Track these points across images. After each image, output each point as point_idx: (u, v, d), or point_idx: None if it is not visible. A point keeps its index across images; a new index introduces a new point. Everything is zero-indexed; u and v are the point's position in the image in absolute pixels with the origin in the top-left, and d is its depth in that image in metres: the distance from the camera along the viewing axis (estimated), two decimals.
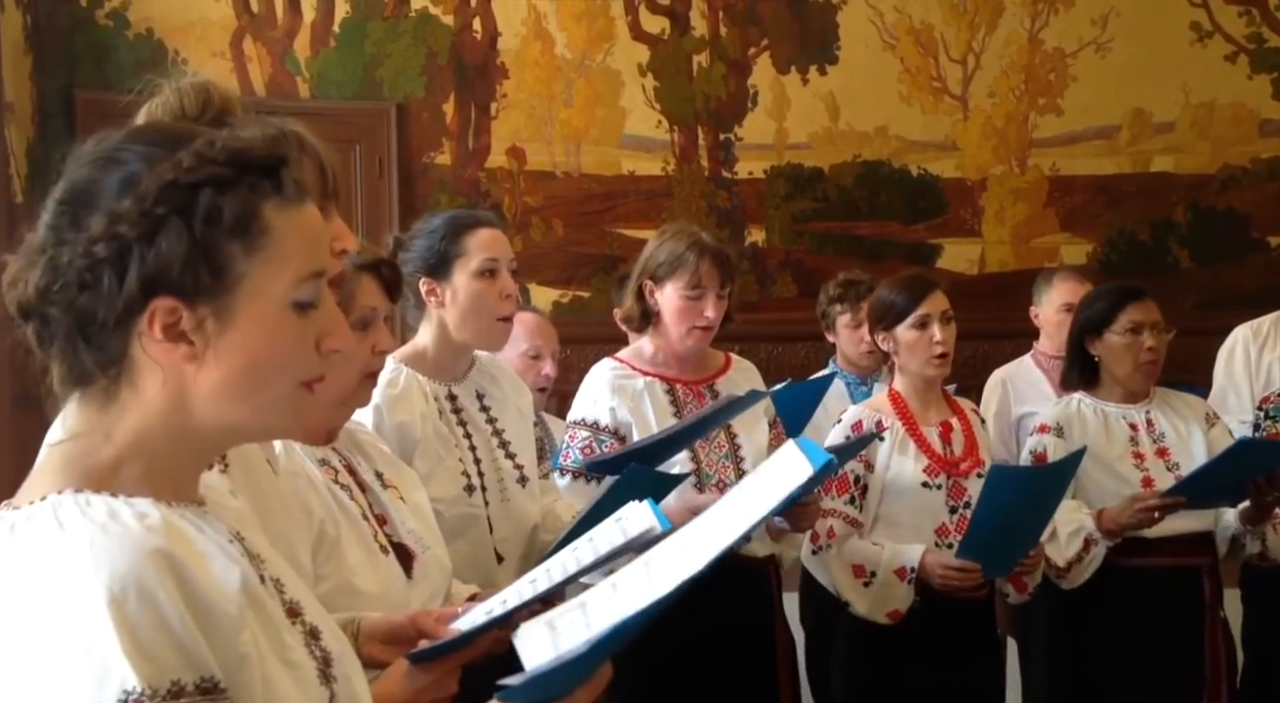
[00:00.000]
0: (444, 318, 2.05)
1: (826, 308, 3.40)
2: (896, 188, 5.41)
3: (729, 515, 1.08)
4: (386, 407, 1.95)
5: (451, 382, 2.06)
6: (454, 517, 1.94)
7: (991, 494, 2.28)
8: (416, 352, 2.07)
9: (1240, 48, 5.29)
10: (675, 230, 2.44)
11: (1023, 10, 5.34)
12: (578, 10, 5.32)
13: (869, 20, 5.36)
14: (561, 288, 5.38)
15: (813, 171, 5.40)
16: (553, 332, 2.94)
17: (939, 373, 2.48)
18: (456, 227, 2.06)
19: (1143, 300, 2.58)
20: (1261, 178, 5.31)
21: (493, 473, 2.03)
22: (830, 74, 5.37)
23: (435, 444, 1.98)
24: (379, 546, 1.59)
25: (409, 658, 1.23)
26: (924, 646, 2.38)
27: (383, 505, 1.66)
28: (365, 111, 5.17)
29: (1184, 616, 2.54)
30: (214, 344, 0.87)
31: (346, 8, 5.18)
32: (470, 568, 1.94)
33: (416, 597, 1.61)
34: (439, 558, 1.68)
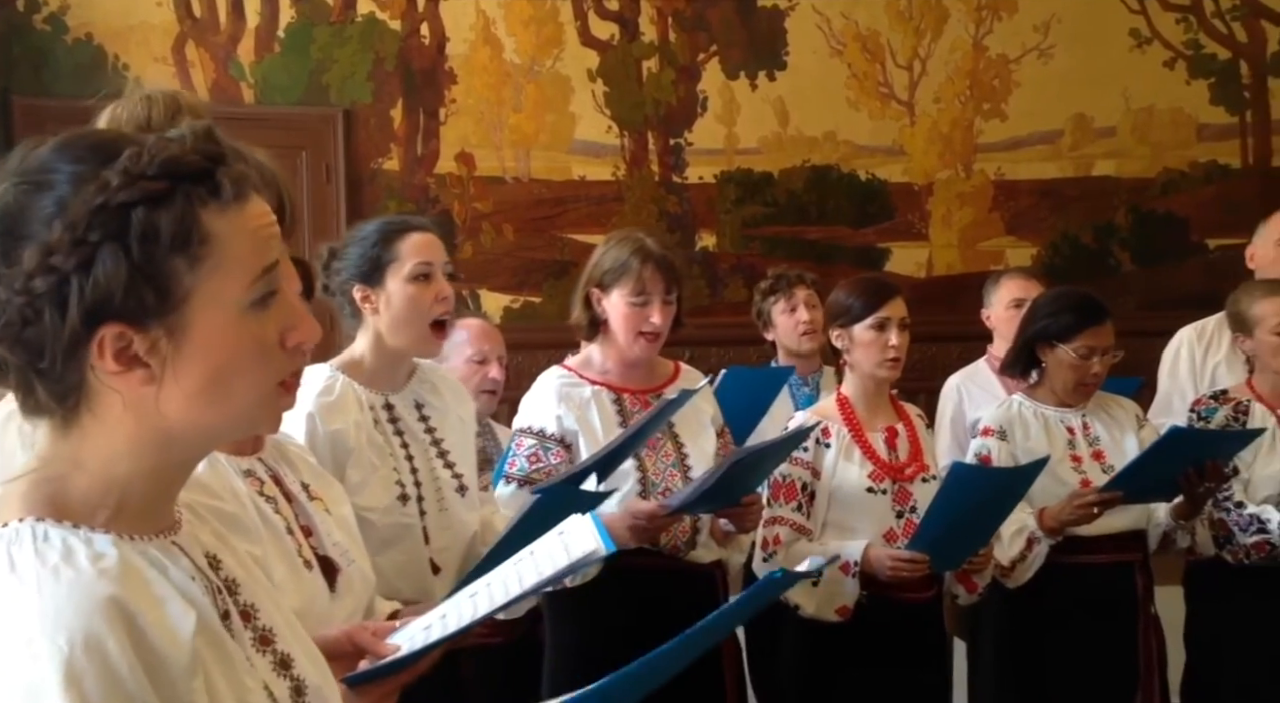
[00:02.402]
0: (379, 325, 2.03)
1: (761, 306, 3.42)
2: (845, 192, 5.45)
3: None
4: (320, 414, 1.93)
5: (389, 391, 2.04)
6: (386, 526, 1.93)
7: (950, 490, 2.31)
8: (353, 360, 2.05)
9: (1178, 54, 5.40)
10: (620, 238, 2.44)
11: (967, 17, 5.42)
12: (526, 16, 5.31)
13: (816, 27, 5.40)
14: (512, 294, 5.36)
15: (762, 177, 5.44)
16: (498, 336, 2.93)
17: (890, 375, 2.50)
18: (388, 233, 2.04)
19: (1102, 325, 2.61)
20: (1199, 182, 5.42)
21: (430, 482, 2.01)
22: (779, 80, 5.40)
23: (369, 452, 1.96)
24: (303, 559, 1.57)
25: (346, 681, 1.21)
26: (872, 647, 2.40)
27: (309, 517, 1.63)
28: (311, 117, 5.12)
29: (1119, 611, 2.60)
30: (172, 363, 0.85)
31: (291, 13, 5.13)
32: (405, 578, 1.93)
33: (340, 611, 1.58)
34: (363, 571, 1.65)
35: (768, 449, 2.33)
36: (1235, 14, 5.40)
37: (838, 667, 2.42)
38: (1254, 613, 2.61)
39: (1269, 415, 2.66)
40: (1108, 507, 2.49)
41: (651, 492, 2.34)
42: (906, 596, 2.41)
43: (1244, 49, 5.41)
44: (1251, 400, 2.68)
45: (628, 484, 2.32)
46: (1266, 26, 5.41)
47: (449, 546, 2.01)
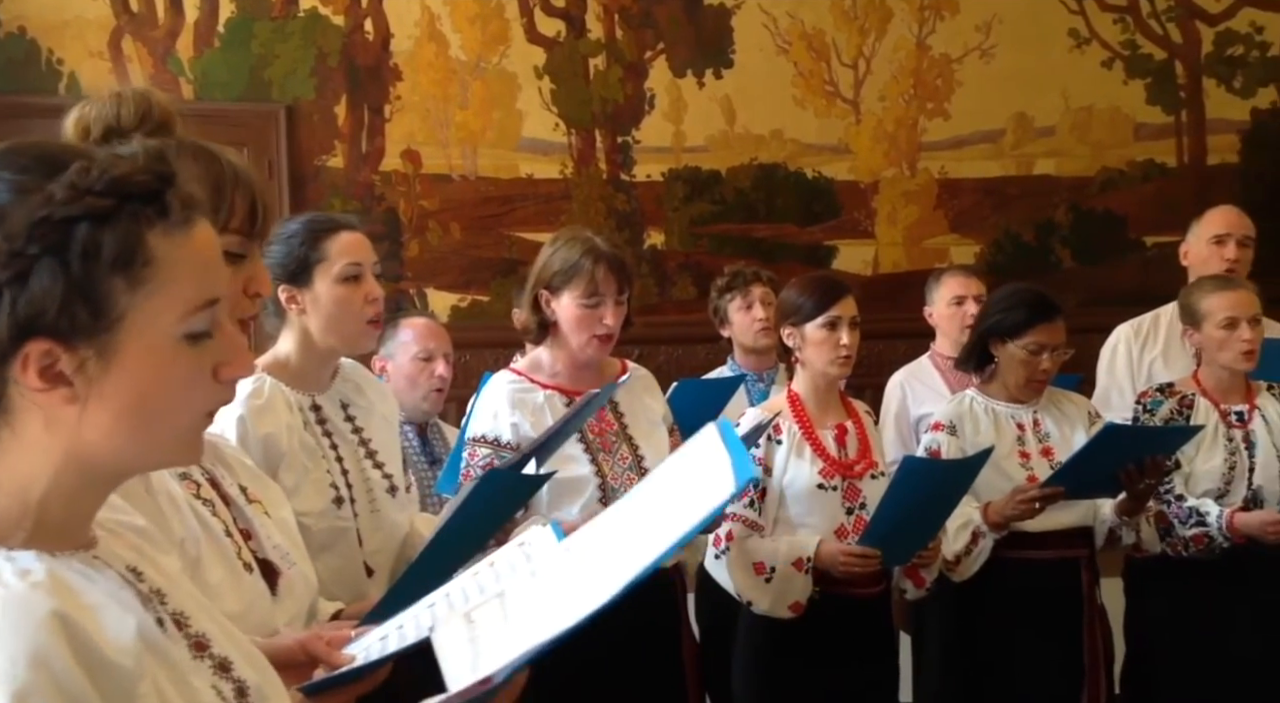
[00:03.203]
0: (306, 325, 1.98)
1: (717, 302, 3.43)
2: (792, 190, 5.48)
3: (647, 525, 1.03)
4: (251, 418, 1.89)
5: (315, 391, 2.00)
6: (323, 530, 1.90)
7: (900, 484, 2.32)
8: (278, 361, 2.00)
9: (1116, 54, 5.50)
10: (568, 237, 2.39)
11: (910, 17, 5.47)
12: (472, 12, 5.27)
13: (762, 25, 5.42)
14: (460, 292, 5.32)
15: (710, 174, 5.44)
16: (444, 334, 2.90)
17: (841, 373, 2.51)
18: (315, 231, 1.99)
19: (1053, 322, 2.65)
20: (1137, 180, 5.52)
21: (361, 484, 1.98)
22: (726, 78, 5.42)
23: (302, 456, 1.92)
24: (243, 563, 1.54)
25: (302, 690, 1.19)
26: (822, 643, 2.41)
27: (247, 520, 1.60)
28: (253, 113, 5.04)
29: (1065, 606, 2.63)
30: (98, 385, 0.82)
31: (231, 7, 5.04)
32: (340, 582, 1.89)
33: (282, 615, 1.56)
34: (304, 574, 1.62)
35: None
36: (1170, 15, 5.50)
37: (790, 663, 2.44)
38: (1192, 605, 2.67)
39: (1212, 410, 2.70)
40: (1050, 502, 2.52)
41: (611, 497, 2.32)
42: (856, 591, 2.42)
43: (1179, 49, 5.52)
44: (1196, 395, 2.72)
45: (588, 492, 2.30)
46: (1200, 27, 5.52)
47: (382, 547, 1.98)
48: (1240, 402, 2.72)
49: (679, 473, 1.09)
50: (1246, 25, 5.51)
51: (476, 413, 2.37)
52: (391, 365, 2.79)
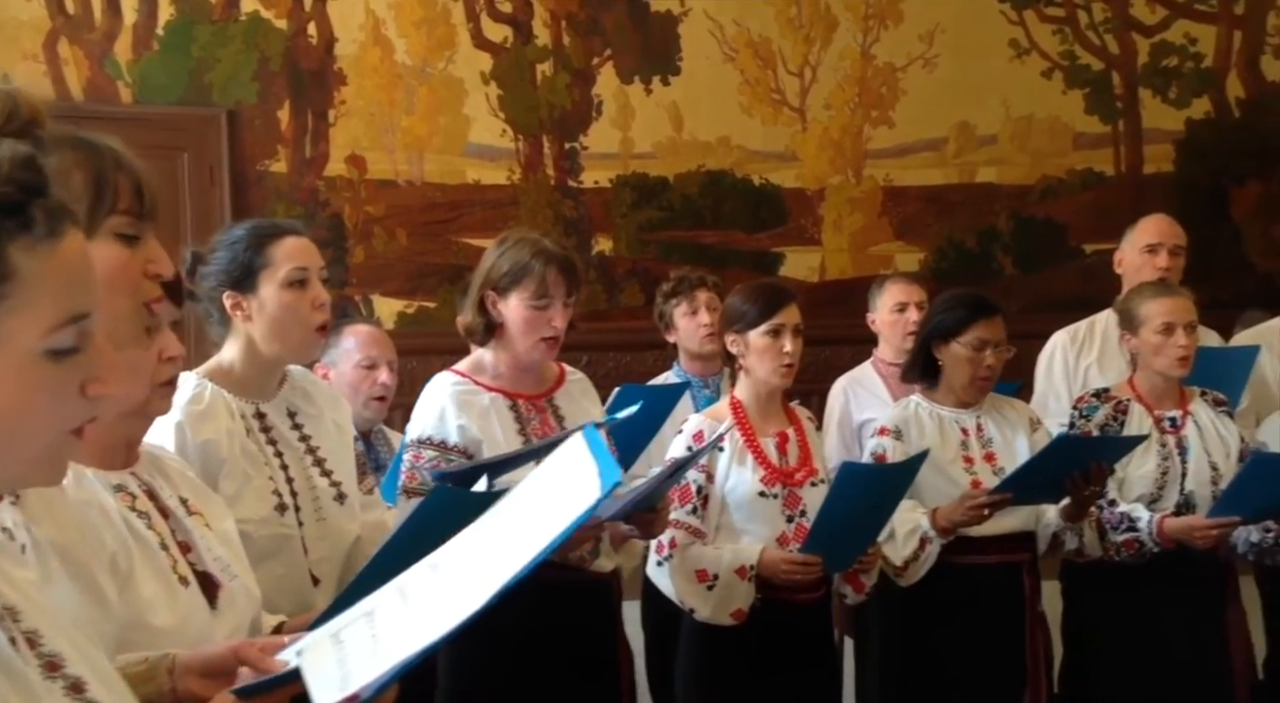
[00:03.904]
0: (251, 332, 1.95)
1: (663, 307, 3.43)
2: (740, 197, 5.51)
3: (515, 534, 1.04)
4: (190, 424, 1.85)
5: (260, 400, 1.96)
6: (265, 538, 1.86)
7: (839, 491, 2.33)
8: (222, 368, 1.96)
9: (1055, 64, 5.60)
10: (517, 239, 2.36)
11: (855, 26, 5.53)
12: (417, 17, 5.24)
13: (709, 33, 5.45)
14: (406, 299, 5.28)
15: (658, 181, 5.46)
16: (388, 341, 2.87)
17: (783, 382, 2.51)
18: (260, 237, 1.96)
19: (992, 318, 2.68)
20: (1076, 189, 5.63)
21: (307, 492, 1.95)
22: (673, 84, 5.44)
23: (243, 462, 1.88)
24: (179, 576, 1.51)
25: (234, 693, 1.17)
26: (763, 649, 2.42)
27: (187, 532, 1.58)
28: (193, 117, 4.98)
29: (1007, 610, 2.66)
30: None
31: (171, 10, 4.98)
32: (283, 591, 1.86)
33: (222, 628, 1.53)
34: (246, 587, 1.60)
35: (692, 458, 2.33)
36: (1107, 26, 5.62)
37: (731, 669, 2.44)
38: (1126, 607, 2.71)
39: (1146, 416, 2.75)
40: (998, 508, 2.55)
41: None
42: (797, 597, 2.43)
43: (1116, 60, 5.64)
44: (1131, 400, 2.76)
45: None
46: (1137, 39, 5.64)
47: (327, 556, 1.95)
48: (1173, 408, 2.76)
49: (546, 481, 1.10)
50: (1181, 37, 5.64)
51: (419, 414, 2.33)
52: (334, 373, 2.76)
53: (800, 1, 5.48)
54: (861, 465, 2.61)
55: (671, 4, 5.42)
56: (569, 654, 2.20)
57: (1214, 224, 5.53)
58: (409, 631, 0.98)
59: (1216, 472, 2.69)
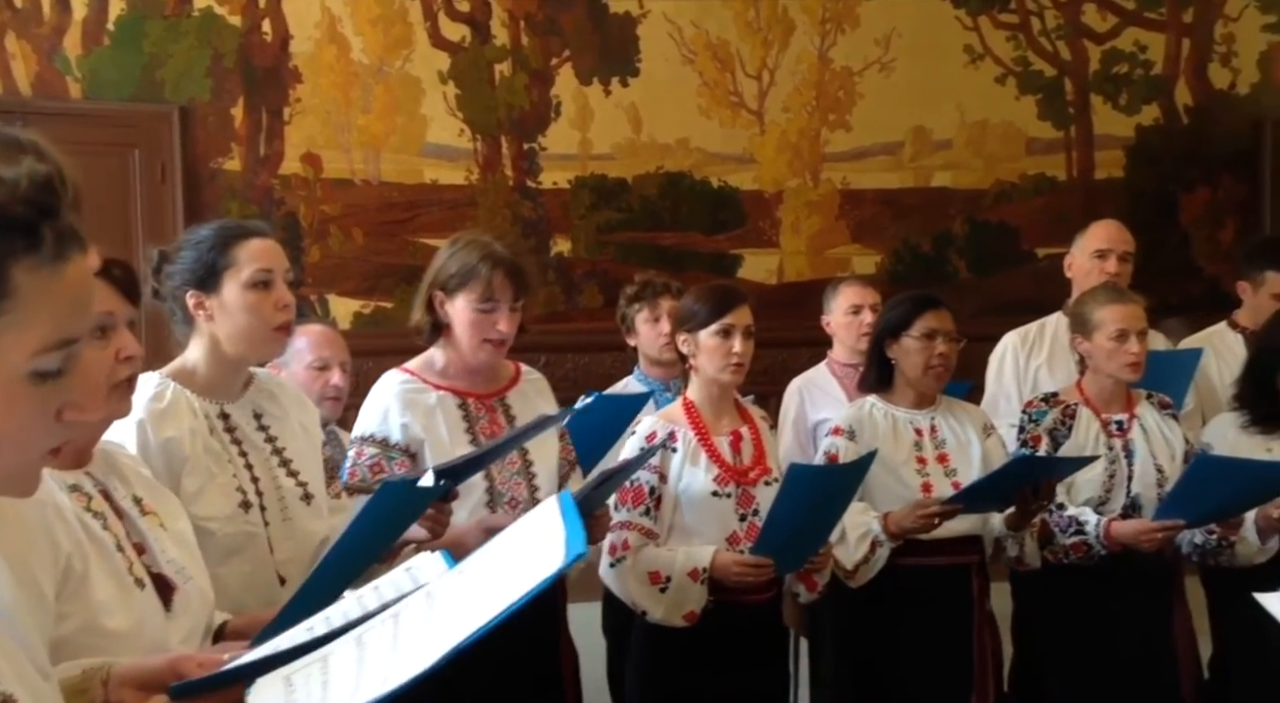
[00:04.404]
0: (214, 332, 1.95)
1: (625, 310, 3.43)
2: (698, 199, 5.53)
3: (477, 592, 1.06)
4: (151, 422, 1.85)
5: (224, 400, 1.96)
6: (229, 535, 1.86)
7: (787, 492, 2.34)
8: (185, 369, 1.96)
9: (1009, 70, 5.66)
10: (467, 241, 2.37)
11: (812, 29, 5.56)
12: (374, 15, 5.20)
13: (668, 35, 5.46)
14: (363, 298, 5.24)
15: (616, 182, 5.46)
16: (340, 341, 2.85)
17: (733, 380, 2.53)
18: (225, 237, 1.96)
19: (938, 309, 2.73)
20: (1029, 193, 5.70)
21: (272, 492, 1.95)
22: (632, 86, 5.44)
23: (206, 460, 1.88)
24: (134, 578, 1.50)
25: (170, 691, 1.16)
26: (714, 649, 2.43)
27: (141, 534, 1.57)
28: (144, 114, 4.91)
29: (956, 611, 2.69)
30: None
31: (122, 5, 4.91)
32: (250, 590, 1.86)
33: (177, 631, 1.52)
34: (201, 589, 1.59)
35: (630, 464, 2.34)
36: (1060, 33, 5.69)
37: (682, 670, 2.44)
38: (1075, 609, 2.75)
39: (1093, 419, 2.79)
40: (949, 518, 2.59)
41: (498, 502, 2.30)
42: (749, 598, 2.44)
43: (1068, 67, 5.71)
44: (1079, 404, 2.80)
45: (475, 495, 2.28)
46: (1088, 45, 5.72)
47: (294, 556, 1.94)
48: (1120, 411, 2.80)
49: (515, 543, 1.11)
50: (1131, 44, 5.73)
51: (365, 411, 2.33)
52: (286, 373, 2.73)
53: (758, 5, 5.50)
54: (810, 467, 2.63)
55: (630, 5, 5.42)
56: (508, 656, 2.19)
57: (1163, 229, 5.63)
58: (358, 683, 0.98)
59: (1162, 474, 2.74)
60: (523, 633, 2.21)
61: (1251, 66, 5.75)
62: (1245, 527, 2.69)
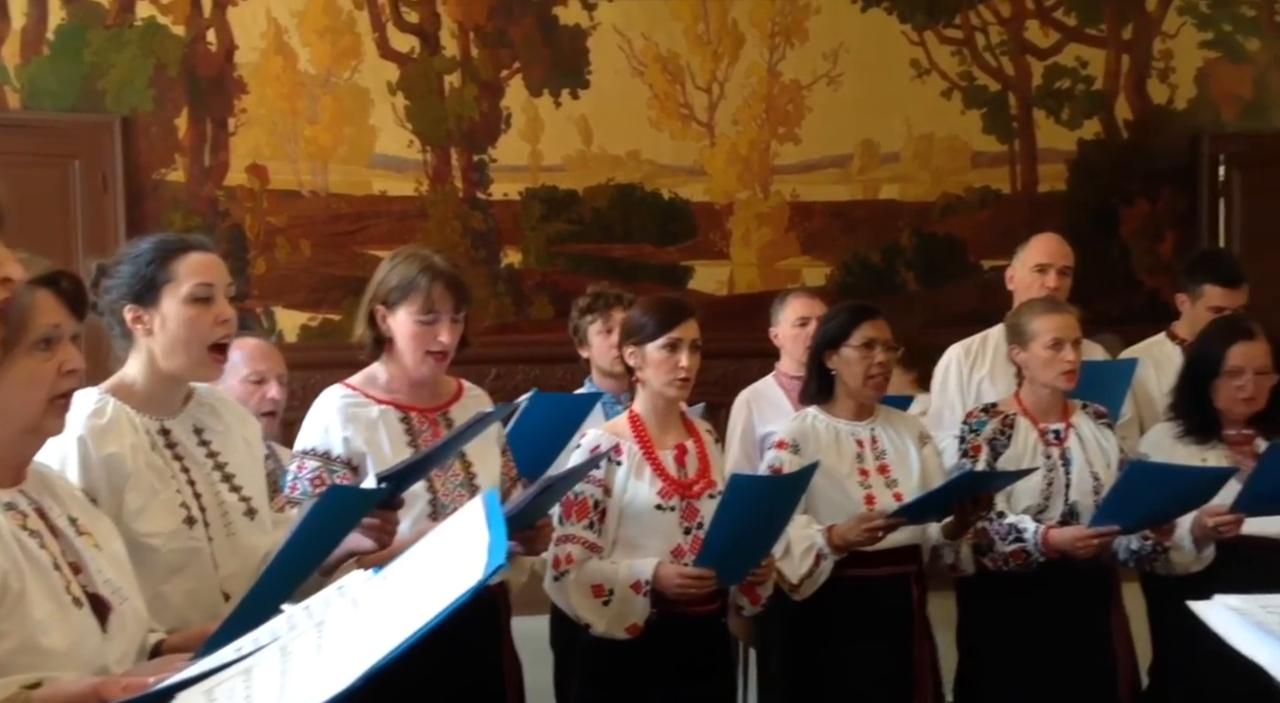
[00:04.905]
0: (152, 347, 1.93)
1: (578, 322, 3.42)
2: (649, 211, 5.54)
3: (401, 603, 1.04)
4: (92, 438, 1.83)
5: (165, 416, 1.94)
6: (173, 551, 1.84)
7: (730, 503, 2.35)
8: (124, 384, 1.94)
9: (954, 85, 5.74)
10: (407, 254, 2.38)
11: (761, 43, 5.60)
12: (321, 26, 5.17)
13: (618, 47, 5.47)
14: (310, 311, 5.20)
15: (567, 194, 5.46)
16: (277, 355, 2.82)
17: (679, 395, 2.54)
18: (165, 251, 1.95)
19: (875, 319, 2.77)
20: (974, 206, 5.78)
21: (215, 507, 1.93)
22: (582, 98, 5.45)
23: (149, 476, 1.86)
24: (72, 597, 1.48)
25: None
26: (659, 662, 2.43)
27: (77, 553, 1.55)
28: (85, 124, 4.85)
29: (896, 619, 2.73)
30: None
31: (62, 14, 4.84)
32: (194, 606, 1.84)
33: (113, 651, 1.51)
34: (136, 610, 1.58)
35: (572, 473, 2.34)
36: (1003, 49, 5.79)
37: (627, 683, 2.44)
38: (1016, 615, 2.78)
39: (1031, 429, 2.83)
40: (892, 531, 2.62)
41: (441, 513, 2.29)
42: (693, 610, 2.45)
43: (1011, 82, 5.80)
44: (1017, 414, 2.85)
45: (419, 506, 2.27)
46: (1031, 61, 5.82)
47: (238, 572, 1.92)
48: (1058, 420, 2.85)
49: (440, 548, 1.11)
50: (1073, 60, 5.84)
51: (306, 426, 2.33)
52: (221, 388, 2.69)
53: (708, 18, 5.54)
54: (751, 477, 2.64)
55: (580, 18, 5.44)
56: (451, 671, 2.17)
57: (1104, 241, 5.74)
58: (282, 694, 0.97)
59: (1098, 481, 2.79)
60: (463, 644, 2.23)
61: (1189, 82, 5.88)
62: (1182, 536, 2.74)
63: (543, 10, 5.40)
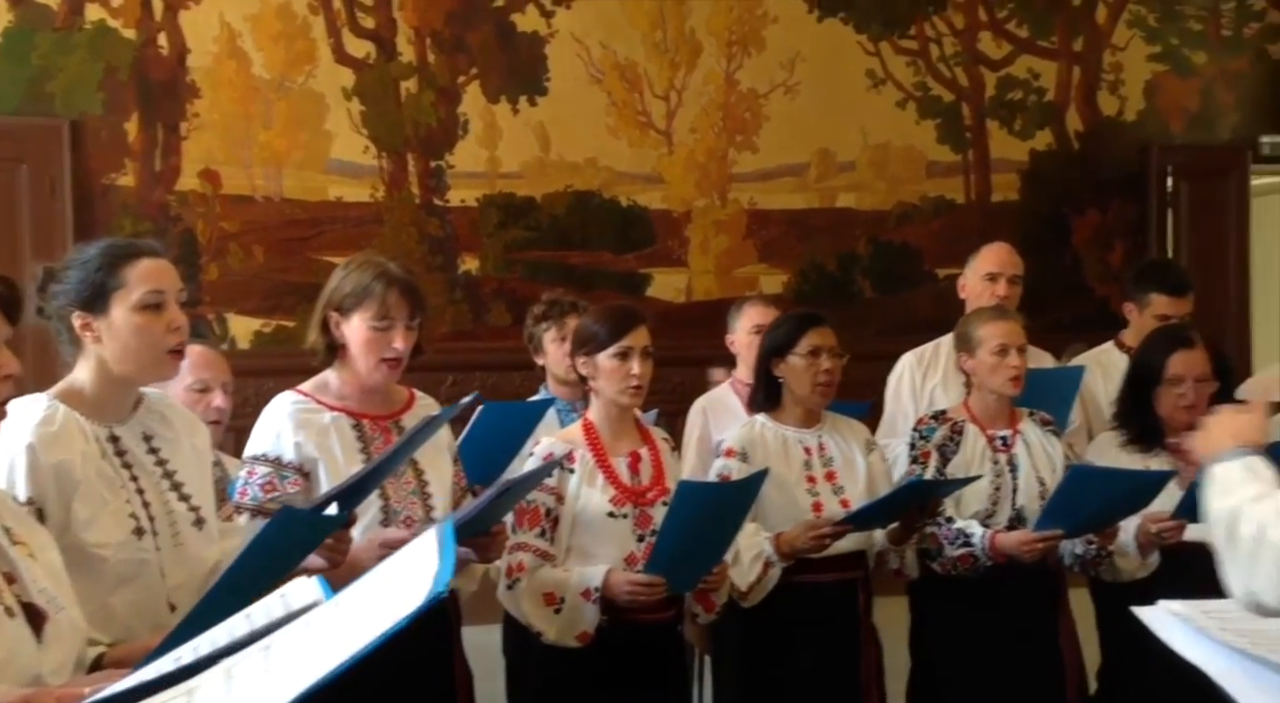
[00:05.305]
0: (102, 355, 1.91)
1: (533, 329, 3.41)
2: (607, 218, 5.54)
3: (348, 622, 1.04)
4: (41, 446, 1.80)
5: (113, 423, 1.93)
6: (122, 562, 1.82)
7: (678, 509, 2.35)
8: (73, 390, 1.92)
9: (909, 95, 5.80)
10: (361, 261, 2.37)
11: (719, 52, 5.63)
12: (275, 31, 5.12)
13: (576, 55, 5.48)
14: (264, 317, 5.14)
15: (525, 201, 5.45)
16: (222, 362, 2.79)
17: (632, 403, 2.55)
18: (114, 257, 1.92)
19: (821, 327, 2.80)
20: (929, 215, 5.84)
21: (164, 517, 1.91)
22: (540, 105, 5.44)
23: (99, 485, 1.84)
24: (4, 606, 1.46)
25: None
26: (612, 670, 2.43)
27: (11, 563, 1.53)
28: (32, 127, 4.78)
29: (844, 625, 2.76)
30: None
31: (9, 16, 4.77)
32: (141, 617, 1.82)
33: (48, 661, 1.49)
34: (73, 620, 1.56)
35: (525, 479, 2.33)
36: (957, 60, 5.86)
37: (582, 692, 2.44)
38: (965, 620, 2.81)
39: (979, 435, 2.87)
40: (839, 538, 2.64)
41: (393, 520, 2.28)
42: (646, 617, 2.45)
43: (965, 92, 5.88)
44: (965, 421, 2.88)
45: (370, 513, 2.25)
46: (984, 72, 5.90)
47: (185, 582, 1.90)
48: (1005, 427, 2.89)
49: (392, 572, 1.11)
50: (1025, 72, 5.92)
51: (256, 432, 2.31)
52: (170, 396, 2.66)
53: (665, 26, 5.56)
54: (699, 484, 2.65)
55: (538, 25, 5.43)
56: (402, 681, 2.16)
57: (1056, 250, 5.82)
58: None
59: (1044, 487, 2.82)
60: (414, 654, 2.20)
61: (1138, 94, 5.99)
62: (1126, 541, 2.79)
63: (500, 17, 5.39)
